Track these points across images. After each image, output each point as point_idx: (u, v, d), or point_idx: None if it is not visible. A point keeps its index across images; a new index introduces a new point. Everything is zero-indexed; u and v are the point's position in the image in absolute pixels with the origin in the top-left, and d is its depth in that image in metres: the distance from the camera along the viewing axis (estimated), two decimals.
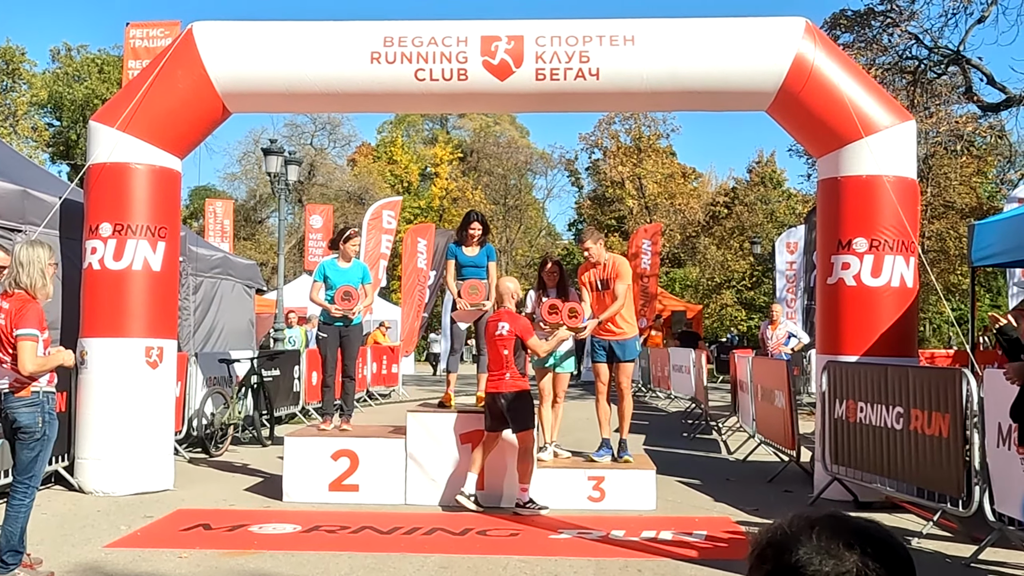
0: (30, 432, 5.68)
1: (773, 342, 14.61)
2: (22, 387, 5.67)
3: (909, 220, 8.55)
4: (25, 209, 9.11)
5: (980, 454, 6.53)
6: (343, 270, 9.38)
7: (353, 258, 9.53)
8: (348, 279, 9.30)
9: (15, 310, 5.66)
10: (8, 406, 5.69)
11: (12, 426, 5.71)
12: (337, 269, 9.37)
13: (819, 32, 8.91)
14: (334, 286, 9.23)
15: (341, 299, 9.16)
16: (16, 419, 5.67)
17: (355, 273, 9.43)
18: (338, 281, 9.25)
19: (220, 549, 6.57)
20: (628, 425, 8.85)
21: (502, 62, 8.61)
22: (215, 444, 11.27)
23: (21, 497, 5.68)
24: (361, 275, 9.50)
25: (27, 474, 5.72)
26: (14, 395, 5.67)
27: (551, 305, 8.45)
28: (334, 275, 9.32)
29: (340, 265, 9.41)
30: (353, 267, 9.47)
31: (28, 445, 5.69)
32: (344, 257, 9.43)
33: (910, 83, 20.77)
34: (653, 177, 45.79)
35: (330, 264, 9.46)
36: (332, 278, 9.30)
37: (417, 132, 63.19)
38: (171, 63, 8.80)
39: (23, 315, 5.64)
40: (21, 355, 5.59)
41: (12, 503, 5.68)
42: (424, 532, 7.16)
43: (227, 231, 29.83)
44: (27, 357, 5.58)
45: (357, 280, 9.38)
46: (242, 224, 49.19)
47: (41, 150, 44.12)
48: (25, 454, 5.71)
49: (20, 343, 5.59)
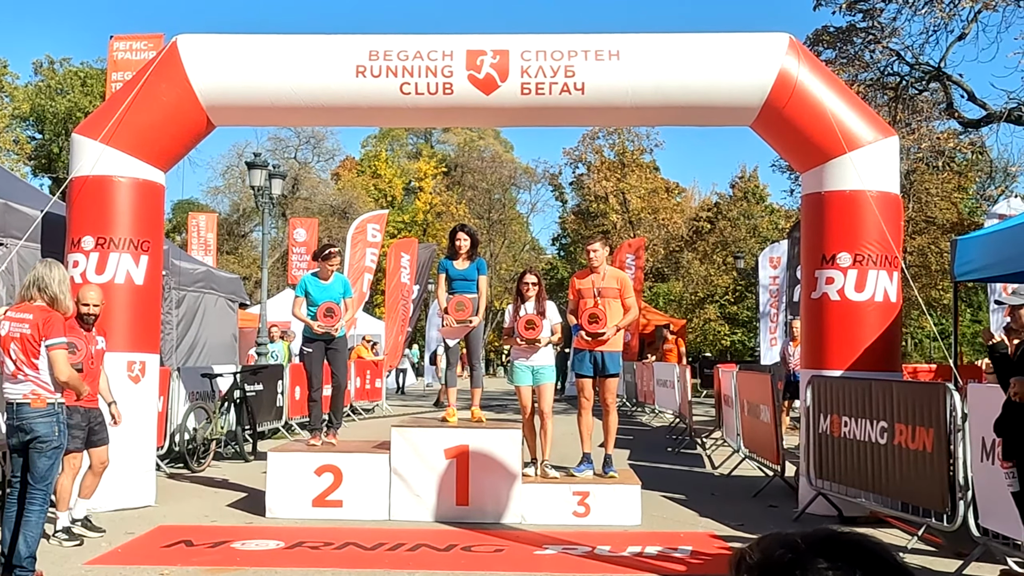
0: (47, 442, 5.87)
1: (794, 359, 13.80)
2: (38, 398, 5.85)
3: (892, 235, 8.59)
4: (6, 222, 9.04)
5: (964, 469, 6.54)
6: (324, 285, 9.30)
7: (334, 272, 9.47)
8: (330, 295, 9.23)
9: (42, 321, 5.85)
10: (24, 417, 5.86)
11: (29, 436, 5.86)
12: (318, 285, 9.30)
13: (803, 48, 8.97)
14: (316, 302, 9.16)
15: (324, 315, 9.09)
16: (33, 429, 5.84)
17: (336, 288, 9.36)
18: (320, 297, 9.18)
19: (202, 566, 6.51)
20: (613, 440, 8.82)
21: (487, 76, 8.61)
22: (197, 459, 11.18)
23: (41, 504, 5.91)
24: (343, 290, 9.43)
25: (44, 482, 5.93)
26: (30, 406, 5.86)
27: (528, 320, 8.44)
28: (315, 291, 9.25)
29: (321, 281, 9.35)
30: (334, 282, 9.40)
31: (46, 454, 5.89)
32: (322, 274, 9.37)
33: (892, 99, 20.91)
34: (637, 192, 45.86)
35: (311, 279, 9.39)
36: (313, 294, 9.23)
37: (401, 146, 63.16)
38: (155, 76, 8.76)
39: (51, 325, 5.86)
40: (56, 364, 5.81)
41: (30, 510, 5.87)
42: (408, 548, 7.11)
43: (210, 245, 29.67)
44: (61, 366, 5.83)
45: (339, 295, 9.32)
46: (225, 238, 48.95)
47: (23, 163, 43.83)
48: (42, 462, 5.90)
49: (53, 352, 5.82)
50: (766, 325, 23.07)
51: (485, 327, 10.35)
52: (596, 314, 8.39)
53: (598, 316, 8.39)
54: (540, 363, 8.60)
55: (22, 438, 5.88)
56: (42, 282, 5.96)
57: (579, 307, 8.63)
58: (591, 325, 8.37)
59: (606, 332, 8.43)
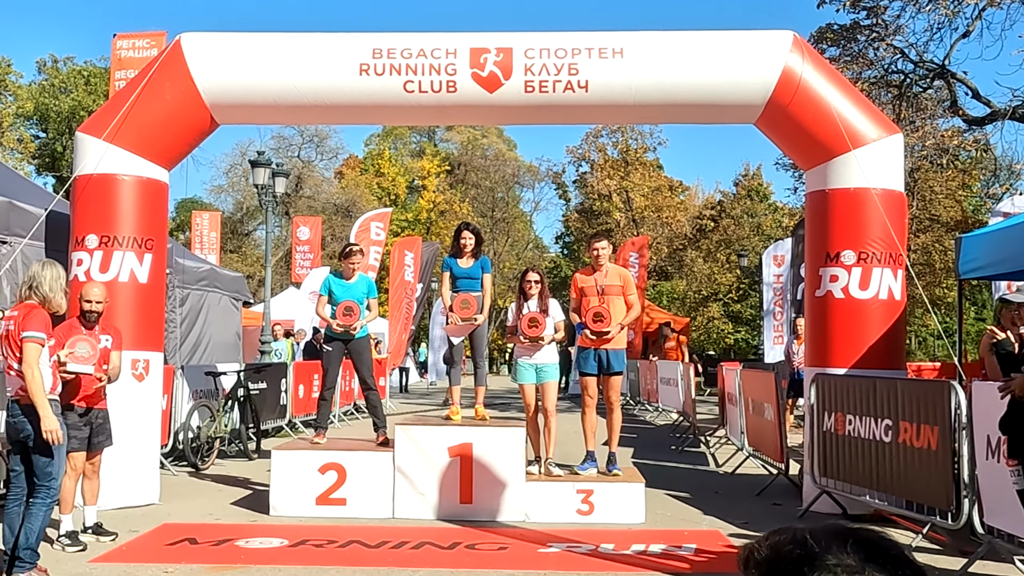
0: (35, 440, 5.88)
1: (799, 358, 13.96)
2: (27, 395, 5.86)
3: (897, 233, 8.57)
4: (10, 221, 9.04)
5: (969, 467, 6.53)
6: (347, 284, 9.20)
7: (357, 272, 9.35)
8: (352, 294, 9.12)
9: (23, 315, 5.91)
10: (15, 413, 5.93)
11: (23, 433, 5.91)
12: (341, 284, 9.21)
13: (807, 45, 8.95)
14: (337, 301, 9.09)
15: (342, 314, 8.98)
16: (24, 426, 5.88)
17: (360, 288, 9.25)
18: (341, 295, 9.09)
19: (206, 564, 6.51)
20: (617, 438, 8.81)
21: (491, 74, 8.61)
22: (201, 458, 11.18)
23: (42, 499, 5.93)
24: (366, 289, 9.31)
25: (45, 479, 5.95)
26: (19, 403, 5.91)
27: (531, 318, 8.43)
28: (337, 290, 9.16)
29: (344, 280, 9.25)
30: (358, 281, 9.28)
31: (36, 452, 5.91)
32: (345, 273, 9.29)
33: (896, 97, 20.86)
34: (640, 190, 45.83)
35: (334, 278, 9.31)
36: (336, 293, 9.15)
37: (404, 145, 63.17)
38: (159, 74, 8.77)
39: (30, 318, 5.89)
40: (24, 355, 5.81)
41: (32, 503, 5.93)
42: (412, 546, 7.11)
43: (214, 243, 29.76)
44: (28, 358, 5.81)
45: (362, 294, 9.20)
46: (229, 236, 49.00)
47: (27, 162, 43.90)
48: (37, 459, 5.93)
49: (25, 344, 5.82)
50: (770, 323, 23.04)
51: (489, 325, 10.32)
52: (601, 312, 8.39)
53: (603, 314, 8.38)
54: (543, 361, 8.60)
55: (17, 435, 5.95)
56: (34, 281, 6.05)
57: (582, 305, 8.62)
58: (596, 323, 8.36)
59: (610, 331, 8.43)
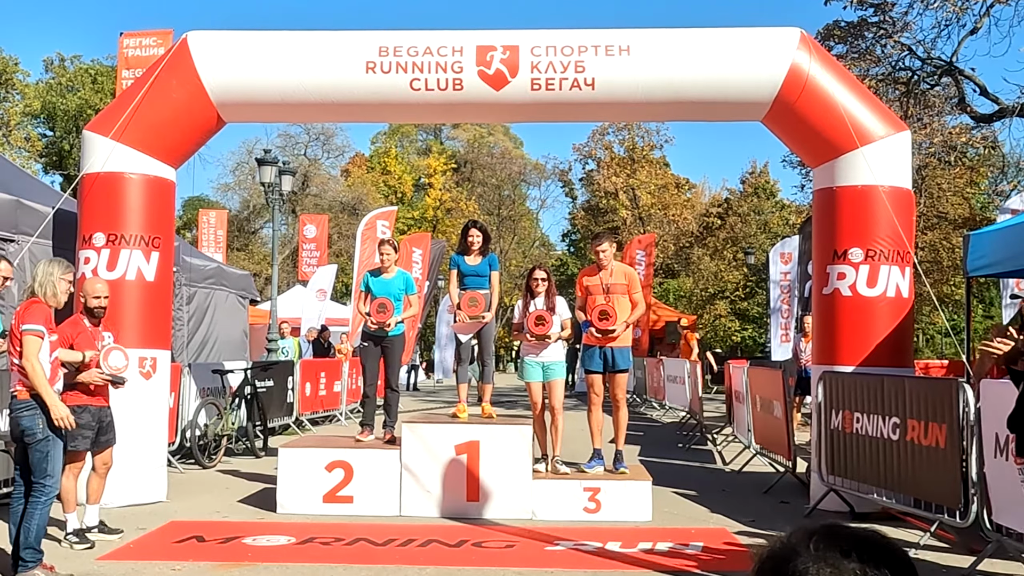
0: (32, 435, 5.91)
1: (806, 355, 13.81)
2: (22, 391, 5.90)
3: (905, 230, 8.54)
4: (18, 219, 9.07)
5: (977, 465, 6.50)
6: (384, 281, 9.08)
7: (396, 268, 9.23)
8: (388, 291, 8.99)
9: (22, 309, 6.01)
10: (12, 409, 5.97)
11: (19, 429, 5.94)
12: (378, 280, 9.09)
13: (814, 42, 8.92)
14: (374, 297, 8.99)
15: (376, 311, 8.87)
16: (19, 422, 5.91)
17: (397, 284, 9.11)
18: (378, 292, 8.99)
19: (213, 561, 6.52)
20: (624, 436, 8.80)
21: (497, 72, 8.60)
22: (208, 455, 11.20)
23: (37, 496, 5.92)
24: (404, 285, 9.17)
25: (41, 476, 5.94)
26: (17, 398, 5.94)
27: (537, 316, 8.43)
28: (375, 286, 9.05)
29: (382, 276, 9.13)
30: (396, 277, 9.15)
31: (34, 447, 5.93)
32: (382, 269, 9.15)
33: (903, 94, 20.80)
34: (647, 188, 45.75)
35: (370, 275, 9.22)
36: (374, 289, 9.04)
37: (411, 143, 63.19)
38: (165, 72, 8.77)
39: (28, 312, 5.95)
40: (24, 348, 5.85)
41: (30, 501, 5.92)
42: (419, 544, 7.11)
43: (220, 242, 29.77)
44: (30, 350, 5.83)
45: (399, 291, 9.07)
46: (236, 235, 49.05)
47: (34, 160, 43.96)
48: (33, 455, 5.94)
49: (24, 338, 5.85)
50: (777, 321, 23.00)
51: (496, 323, 10.31)
52: (606, 311, 8.38)
53: (608, 313, 8.38)
54: (550, 359, 8.59)
55: (14, 431, 6.00)
56: (34, 279, 6.17)
57: (587, 304, 8.61)
58: (602, 322, 8.36)
59: (616, 329, 8.42)
